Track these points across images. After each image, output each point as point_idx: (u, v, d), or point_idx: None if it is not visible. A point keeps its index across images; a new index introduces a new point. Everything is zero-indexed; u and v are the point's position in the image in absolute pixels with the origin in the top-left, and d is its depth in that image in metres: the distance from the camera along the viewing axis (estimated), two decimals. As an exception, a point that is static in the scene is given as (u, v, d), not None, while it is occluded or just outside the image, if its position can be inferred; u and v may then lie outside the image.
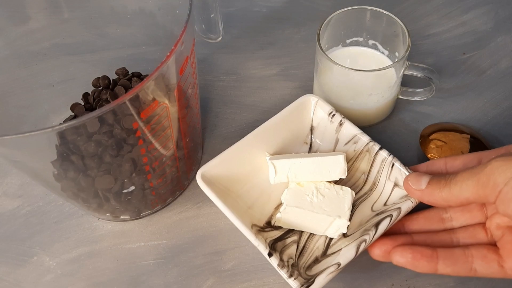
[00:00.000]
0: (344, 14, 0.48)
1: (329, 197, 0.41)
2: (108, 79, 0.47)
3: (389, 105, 0.49)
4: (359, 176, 0.45)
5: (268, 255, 0.37)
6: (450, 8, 0.60)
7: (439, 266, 0.35)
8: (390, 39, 0.49)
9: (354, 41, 0.51)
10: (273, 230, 0.42)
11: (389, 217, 0.38)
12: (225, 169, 0.42)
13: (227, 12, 0.61)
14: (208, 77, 0.55)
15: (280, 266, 0.37)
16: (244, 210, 0.42)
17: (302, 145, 0.47)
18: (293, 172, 0.42)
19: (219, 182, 0.42)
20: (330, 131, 0.46)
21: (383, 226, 0.38)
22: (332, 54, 0.50)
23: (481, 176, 0.33)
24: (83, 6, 0.49)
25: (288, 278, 0.36)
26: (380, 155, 0.42)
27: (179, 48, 0.33)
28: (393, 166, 0.42)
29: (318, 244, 0.41)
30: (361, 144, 0.44)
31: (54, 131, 0.30)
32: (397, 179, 0.42)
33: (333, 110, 0.45)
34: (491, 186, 0.32)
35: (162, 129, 0.38)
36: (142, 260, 0.44)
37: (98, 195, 0.41)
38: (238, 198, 0.43)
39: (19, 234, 0.46)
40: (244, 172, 0.44)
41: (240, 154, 0.43)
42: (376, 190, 0.43)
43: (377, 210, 0.42)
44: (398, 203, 0.40)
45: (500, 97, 0.52)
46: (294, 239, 0.41)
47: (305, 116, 0.46)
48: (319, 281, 0.36)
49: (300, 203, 0.41)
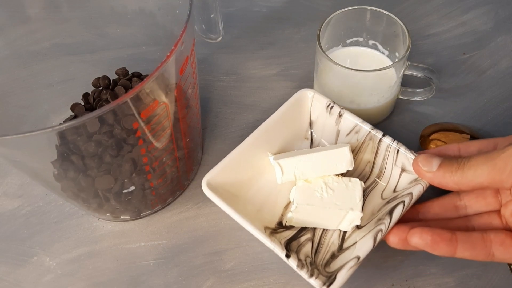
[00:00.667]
0: (344, 14, 0.48)
1: (339, 190, 0.40)
2: (108, 79, 0.47)
3: (389, 105, 0.49)
4: (364, 165, 0.44)
5: (286, 256, 0.36)
6: (450, 8, 0.60)
7: (458, 249, 0.34)
8: (390, 39, 0.49)
9: (354, 41, 0.51)
10: (286, 230, 0.41)
11: (402, 204, 0.38)
12: (229, 174, 0.42)
13: (227, 12, 0.61)
14: (208, 77, 0.55)
15: (300, 266, 0.36)
16: (254, 214, 0.41)
17: (303, 141, 0.47)
18: (300, 170, 0.42)
19: (225, 188, 0.41)
20: (330, 124, 0.45)
21: (397, 213, 0.38)
22: (332, 54, 0.50)
23: (498, 161, 0.32)
24: (83, 6, 0.49)
25: (309, 278, 0.35)
26: (384, 142, 0.42)
27: (179, 48, 0.33)
28: (398, 152, 0.41)
29: (333, 239, 0.40)
30: (363, 133, 0.43)
31: (54, 131, 0.30)
32: (404, 164, 0.41)
33: (331, 102, 0.44)
34: (508, 172, 0.32)
35: (162, 129, 0.38)
36: (142, 260, 0.43)
37: (98, 195, 0.41)
38: (246, 202, 0.42)
39: (19, 234, 0.46)
40: (249, 175, 0.43)
41: (243, 158, 0.42)
42: (384, 177, 0.43)
43: (388, 198, 0.42)
44: (408, 188, 0.40)
45: (500, 97, 0.52)
46: (308, 237, 0.41)
47: (303, 111, 0.46)
48: (341, 278, 0.35)
49: (310, 200, 0.40)
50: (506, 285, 0.40)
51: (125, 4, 0.48)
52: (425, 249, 0.35)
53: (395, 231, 0.37)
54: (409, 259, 0.42)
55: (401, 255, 0.42)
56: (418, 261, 0.42)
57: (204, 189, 0.40)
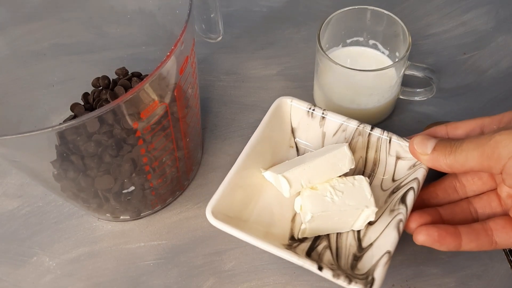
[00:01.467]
0: (344, 14, 0.48)
1: (348, 190, 0.40)
2: (108, 79, 0.47)
3: (389, 105, 0.49)
4: (356, 161, 0.44)
5: (318, 269, 0.35)
6: (450, 8, 0.60)
7: (463, 242, 0.35)
8: (391, 39, 0.49)
9: (355, 41, 0.51)
10: (300, 243, 0.40)
11: (412, 190, 0.38)
12: (229, 200, 0.39)
13: (227, 12, 0.61)
14: (208, 77, 0.55)
15: (336, 276, 0.35)
16: (265, 234, 0.40)
17: (289, 150, 0.45)
18: (306, 178, 0.40)
19: (229, 215, 0.39)
20: (314, 127, 0.44)
21: (410, 200, 0.38)
22: (332, 54, 0.50)
23: (486, 149, 0.33)
24: (83, 6, 0.49)
25: (348, 285, 0.34)
26: (374, 135, 0.42)
27: (179, 48, 0.33)
28: (391, 141, 0.41)
29: (349, 241, 0.40)
30: (351, 130, 0.43)
31: (54, 131, 0.30)
32: (398, 152, 0.41)
33: (311, 106, 0.43)
34: (495, 159, 0.32)
35: (162, 129, 0.38)
36: (142, 261, 0.43)
37: (98, 195, 0.41)
38: (254, 224, 0.41)
39: (19, 234, 0.46)
40: (248, 196, 0.42)
41: (238, 181, 0.41)
42: (379, 169, 0.43)
43: (389, 188, 0.41)
44: (411, 174, 0.40)
45: (500, 97, 0.52)
46: (325, 245, 0.40)
47: (283, 120, 0.45)
48: (379, 276, 0.34)
49: (324, 206, 0.39)
50: (506, 285, 0.40)
51: (125, 4, 0.47)
52: (432, 246, 0.35)
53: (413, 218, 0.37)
54: (409, 259, 0.42)
55: (401, 255, 0.42)
56: (418, 261, 0.42)
57: (212, 221, 0.37)
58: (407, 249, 0.42)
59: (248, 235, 0.36)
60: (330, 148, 0.42)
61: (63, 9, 0.48)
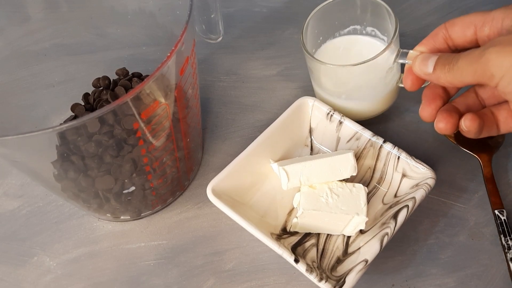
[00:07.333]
0: (330, 6, 0.47)
1: (344, 195, 0.41)
2: (108, 80, 0.47)
3: (390, 95, 0.47)
4: (365, 171, 0.45)
5: (295, 261, 0.37)
6: (450, 8, 0.60)
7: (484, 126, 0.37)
8: (382, 24, 0.47)
9: (352, 29, 0.49)
10: (290, 236, 0.42)
11: (406, 208, 0.39)
12: (233, 181, 0.42)
13: (227, 12, 0.61)
14: (209, 78, 0.55)
15: (309, 271, 0.37)
16: (258, 220, 0.42)
17: (303, 148, 0.47)
18: (305, 175, 0.42)
19: (229, 195, 0.42)
20: (330, 131, 0.46)
21: (402, 217, 0.39)
22: (324, 46, 0.49)
23: (478, 67, 0.33)
24: (83, 6, 0.49)
25: (318, 282, 0.36)
26: (384, 149, 0.43)
27: (180, 48, 0.33)
28: (399, 158, 0.42)
29: (337, 244, 0.41)
30: (364, 140, 0.44)
31: (55, 131, 0.30)
32: (404, 169, 0.42)
33: (331, 110, 0.45)
34: (488, 77, 0.33)
35: (162, 129, 0.38)
36: (142, 261, 0.43)
37: (98, 196, 0.41)
38: (250, 209, 0.43)
39: (19, 235, 0.46)
40: (252, 181, 0.44)
41: (246, 165, 0.43)
42: (385, 183, 0.44)
43: (389, 203, 0.42)
44: (410, 193, 0.40)
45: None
46: (312, 242, 0.41)
47: (304, 119, 0.46)
48: (350, 281, 0.36)
49: (316, 205, 0.41)
50: (506, 285, 0.40)
51: (125, 4, 0.48)
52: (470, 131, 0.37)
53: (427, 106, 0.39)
54: (409, 259, 0.42)
55: (402, 255, 0.42)
56: (418, 261, 0.42)
57: (210, 196, 0.40)
58: (407, 249, 0.42)
59: (240, 217, 0.39)
60: (337, 153, 0.43)
61: (63, 9, 0.48)
